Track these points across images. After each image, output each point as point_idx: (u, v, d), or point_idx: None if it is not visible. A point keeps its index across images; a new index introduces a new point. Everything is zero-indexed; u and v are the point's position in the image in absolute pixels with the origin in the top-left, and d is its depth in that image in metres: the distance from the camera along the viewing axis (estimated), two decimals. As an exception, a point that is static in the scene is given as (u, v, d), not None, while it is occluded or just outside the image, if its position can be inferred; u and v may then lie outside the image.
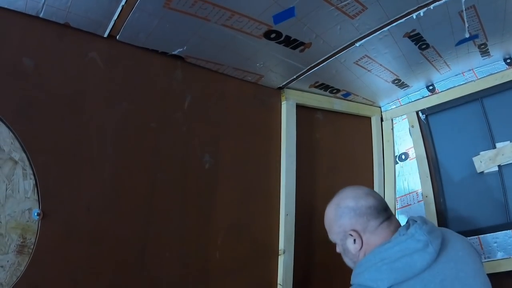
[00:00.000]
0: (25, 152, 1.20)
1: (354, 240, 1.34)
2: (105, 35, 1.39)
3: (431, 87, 2.14)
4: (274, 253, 1.83)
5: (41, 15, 1.25)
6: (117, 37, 1.40)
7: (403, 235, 1.23)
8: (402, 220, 1.88)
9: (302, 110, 2.02)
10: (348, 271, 1.78)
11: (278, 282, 1.78)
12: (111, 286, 1.36)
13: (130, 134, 1.45)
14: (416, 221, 1.26)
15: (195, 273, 1.57)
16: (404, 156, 2.25)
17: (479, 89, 1.95)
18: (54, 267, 1.24)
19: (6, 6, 1.19)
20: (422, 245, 1.17)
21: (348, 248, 1.37)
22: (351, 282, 1.28)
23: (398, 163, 2.28)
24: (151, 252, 1.46)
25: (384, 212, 1.36)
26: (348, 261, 1.44)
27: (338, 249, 1.47)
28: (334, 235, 1.44)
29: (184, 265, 1.55)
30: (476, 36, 1.65)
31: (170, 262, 1.50)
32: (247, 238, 1.76)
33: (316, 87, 2.01)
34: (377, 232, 1.33)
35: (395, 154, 2.30)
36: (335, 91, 2.08)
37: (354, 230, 1.34)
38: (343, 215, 1.38)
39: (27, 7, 1.20)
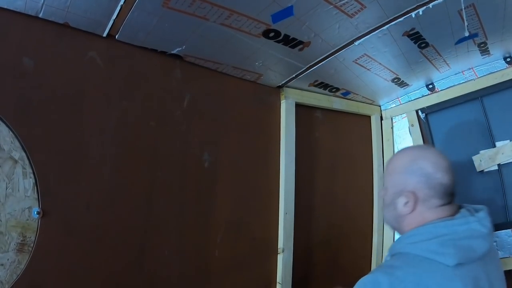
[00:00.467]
0: (25, 151, 1.21)
1: (407, 202, 1.22)
2: (104, 35, 1.39)
3: (430, 86, 2.14)
4: (273, 252, 1.84)
5: (40, 15, 1.25)
6: (116, 36, 1.40)
7: (472, 215, 1.16)
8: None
9: (301, 109, 2.02)
10: (348, 271, 1.79)
11: (277, 280, 1.79)
12: (111, 284, 1.36)
13: (130, 133, 1.46)
14: (481, 209, 1.21)
15: (194, 271, 1.58)
16: (404, 155, 2.24)
17: (479, 88, 1.95)
18: (54, 265, 1.24)
19: (5, 6, 1.19)
20: (486, 232, 1.13)
21: (397, 205, 1.25)
22: (399, 250, 1.19)
23: (398, 162, 2.27)
24: (151, 250, 1.46)
25: (450, 197, 1.22)
26: (387, 214, 1.35)
27: (382, 194, 1.39)
28: (391, 183, 1.32)
29: (183, 263, 1.55)
30: (475, 35, 1.65)
31: (169, 260, 1.51)
32: (246, 237, 1.76)
33: (315, 85, 2.01)
34: (434, 210, 1.20)
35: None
36: (334, 89, 2.08)
37: (414, 194, 1.22)
38: (413, 173, 1.23)
39: (27, 7, 1.21)
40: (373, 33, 1.57)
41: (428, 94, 2.16)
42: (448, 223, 1.15)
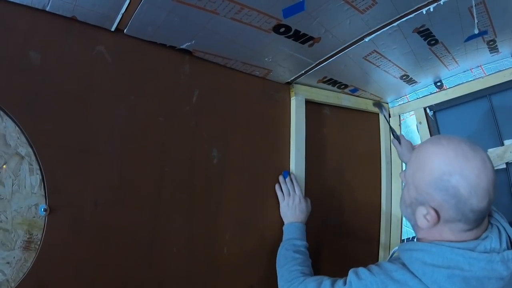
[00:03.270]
0: (31, 147, 1.19)
1: (426, 215, 1.07)
2: (113, 29, 1.37)
3: (439, 83, 2.13)
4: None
5: (47, 9, 1.23)
6: (125, 30, 1.38)
7: (498, 253, 1.00)
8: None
9: (309, 105, 2.01)
10: (358, 259, 1.77)
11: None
12: (119, 281, 1.35)
13: (138, 128, 1.44)
14: (507, 234, 1.06)
15: (202, 268, 1.57)
16: (411, 153, 2.24)
17: (487, 86, 1.94)
18: (61, 263, 1.23)
19: (12, 0, 1.17)
20: (507, 274, 0.98)
21: (415, 213, 1.10)
22: (403, 258, 1.11)
23: (405, 159, 2.26)
24: (159, 247, 1.45)
25: (480, 221, 1.04)
26: (404, 211, 1.21)
27: (401, 176, 1.26)
28: (413, 183, 1.13)
29: (192, 260, 1.54)
30: (485, 32, 1.64)
31: (178, 257, 1.50)
32: (255, 234, 1.75)
33: (324, 82, 2.00)
34: (457, 234, 1.05)
35: (403, 151, 2.28)
36: (343, 86, 2.07)
37: (437, 213, 1.05)
38: (443, 191, 1.03)
39: (34, 0, 1.19)
40: (383, 29, 1.55)
41: (436, 92, 2.15)
42: (467, 254, 1.00)
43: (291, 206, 1.75)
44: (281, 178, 1.83)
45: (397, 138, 2.01)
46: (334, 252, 2.03)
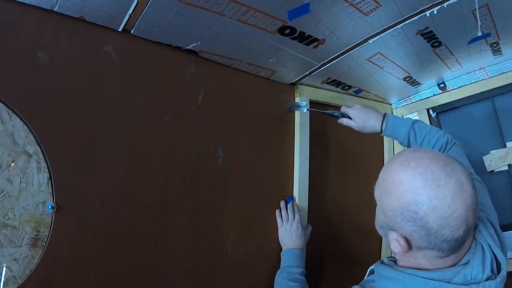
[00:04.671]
0: (39, 145, 1.20)
1: (397, 240, 0.97)
2: (120, 29, 1.38)
3: (442, 85, 2.13)
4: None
5: (55, 9, 1.24)
6: (132, 31, 1.40)
7: (478, 284, 0.90)
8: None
9: (313, 106, 2.01)
10: (357, 268, 1.78)
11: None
12: (124, 279, 1.36)
13: (144, 128, 1.46)
14: (493, 253, 0.97)
15: (207, 266, 1.58)
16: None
17: (490, 88, 1.95)
18: (68, 260, 1.24)
19: (20, 0, 1.19)
20: None
21: (388, 238, 1.01)
22: (376, 283, 1.05)
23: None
24: (164, 246, 1.46)
25: (457, 248, 0.93)
26: (378, 229, 1.09)
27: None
28: (381, 206, 1.02)
29: (196, 258, 1.55)
30: (488, 35, 1.65)
31: (183, 256, 1.51)
32: (259, 233, 1.76)
33: (328, 83, 2.01)
34: (433, 261, 0.96)
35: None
36: (346, 87, 2.08)
37: (407, 241, 0.96)
38: (410, 222, 0.93)
39: (42, 0, 1.20)
40: (387, 31, 1.56)
41: (440, 93, 2.15)
42: (444, 287, 0.92)
43: (289, 232, 1.72)
44: (282, 204, 1.82)
45: (342, 114, 1.78)
46: (337, 252, 2.04)
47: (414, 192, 0.91)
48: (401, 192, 0.94)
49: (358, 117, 1.71)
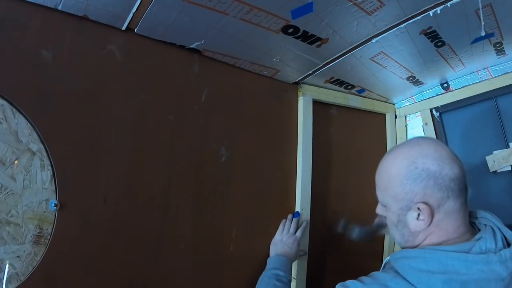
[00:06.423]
0: (43, 143, 1.21)
1: (418, 214, 1.03)
2: (124, 28, 1.39)
3: (445, 85, 2.13)
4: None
5: (59, 8, 1.25)
6: (135, 30, 1.40)
7: (495, 253, 0.94)
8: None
9: (317, 105, 2.02)
10: (359, 268, 1.78)
11: (292, 275, 1.78)
12: (126, 277, 1.37)
13: (148, 126, 1.46)
14: (502, 233, 1.01)
15: (209, 265, 1.59)
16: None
17: (493, 88, 1.93)
18: (70, 258, 1.25)
19: (25, -2, 1.19)
20: (506, 275, 0.92)
21: (407, 222, 1.06)
22: (396, 267, 1.04)
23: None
24: (166, 244, 1.47)
25: (465, 190, 1.03)
26: (397, 235, 1.13)
27: (381, 211, 1.20)
28: (390, 199, 1.10)
29: (198, 257, 1.56)
30: (491, 35, 1.64)
31: (185, 254, 1.52)
32: (261, 232, 1.77)
33: (331, 82, 2.01)
34: (454, 216, 1.02)
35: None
36: (350, 87, 2.08)
37: (426, 204, 1.01)
38: (418, 180, 1.02)
39: (46, -1, 1.21)
40: (390, 31, 1.56)
41: (443, 93, 2.15)
42: (463, 257, 0.94)
43: (285, 243, 1.72)
44: (289, 216, 1.83)
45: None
46: (340, 252, 2.04)
47: (406, 157, 1.06)
48: (397, 166, 1.08)
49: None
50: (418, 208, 1.02)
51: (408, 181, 1.04)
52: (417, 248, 1.05)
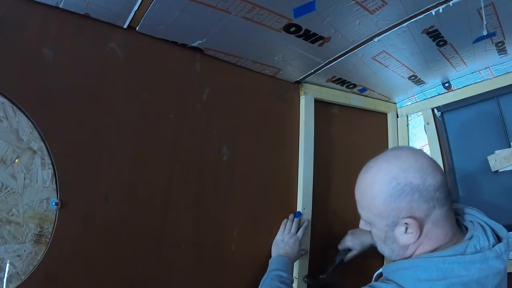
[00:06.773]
0: (44, 141, 1.21)
1: (406, 228, 1.01)
2: (125, 26, 1.38)
3: (447, 84, 2.12)
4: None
5: (61, 6, 1.25)
6: (137, 28, 1.40)
7: (489, 249, 0.95)
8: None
9: (318, 104, 2.02)
10: (360, 267, 1.78)
11: (294, 275, 1.77)
12: (128, 276, 1.36)
13: (149, 125, 1.46)
14: (503, 237, 1.01)
15: (210, 264, 1.58)
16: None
17: (495, 88, 1.94)
18: (71, 257, 1.24)
19: (26, -4, 1.19)
20: (504, 267, 0.95)
21: (396, 237, 1.03)
22: (393, 278, 1.02)
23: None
24: (168, 243, 1.46)
25: (449, 195, 1.02)
26: (386, 250, 1.11)
27: (365, 227, 1.17)
28: (374, 216, 1.07)
29: (200, 256, 1.55)
30: (493, 34, 1.64)
31: (186, 254, 1.51)
32: (263, 231, 1.76)
33: (333, 81, 2.00)
34: (441, 223, 1.01)
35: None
36: (351, 86, 2.08)
37: (413, 218, 0.99)
38: (402, 195, 0.99)
39: (47, -3, 1.20)
40: (392, 30, 1.56)
41: (444, 93, 2.14)
42: (461, 259, 0.94)
43: (286, 243, 1.72)
44: (291, 216, 1.83)
45: (344, 252, 1.84)
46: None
47: (386, 173, 1.02)
48: (378, 184, 1.04)
49: (355, 243, 1.83)
50: (406, 223, 1.00)
51: (391, 198, 1.00)
52: (411, 259, 1.04)
